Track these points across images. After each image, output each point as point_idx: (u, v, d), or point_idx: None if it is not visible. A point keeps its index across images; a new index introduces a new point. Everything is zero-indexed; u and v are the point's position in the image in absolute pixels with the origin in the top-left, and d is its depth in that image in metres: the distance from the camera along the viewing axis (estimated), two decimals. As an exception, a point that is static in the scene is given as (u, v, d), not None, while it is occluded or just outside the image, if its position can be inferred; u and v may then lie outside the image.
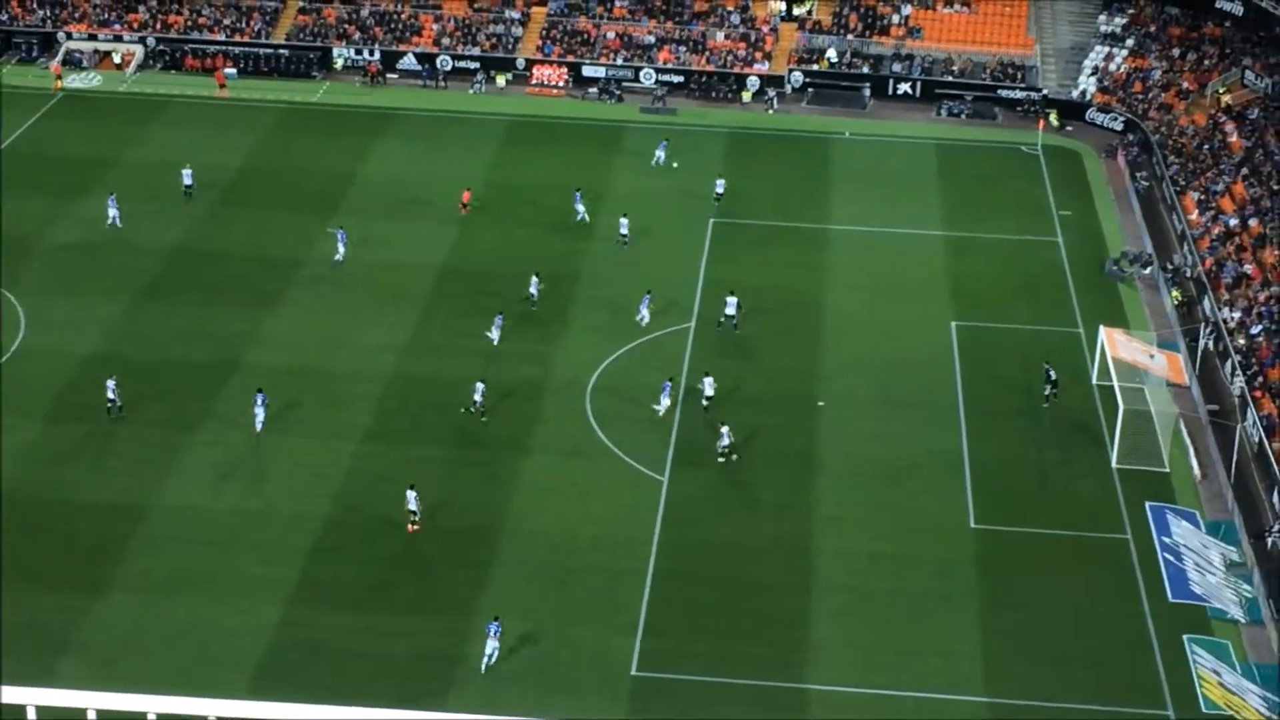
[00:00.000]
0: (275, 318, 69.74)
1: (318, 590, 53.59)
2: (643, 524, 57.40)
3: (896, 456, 61.90)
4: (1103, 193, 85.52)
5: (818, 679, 50.58)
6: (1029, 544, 57.37)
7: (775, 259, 76.68)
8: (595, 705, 49.14)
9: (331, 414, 63.15)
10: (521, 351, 67.75)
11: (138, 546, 55.40)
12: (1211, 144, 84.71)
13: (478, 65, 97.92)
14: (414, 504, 56.71)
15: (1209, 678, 51.10)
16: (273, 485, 58.89)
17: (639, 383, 65.64)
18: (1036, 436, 63.61)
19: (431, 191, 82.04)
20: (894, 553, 56.59)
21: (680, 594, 54.22)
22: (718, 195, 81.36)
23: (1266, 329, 67.40)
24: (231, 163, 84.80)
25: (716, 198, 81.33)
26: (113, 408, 62.11)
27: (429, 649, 51.19)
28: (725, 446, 60.93)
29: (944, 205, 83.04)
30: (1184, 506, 59.60)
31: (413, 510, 56.68)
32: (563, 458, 61.19)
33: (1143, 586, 55.21)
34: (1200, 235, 77.02)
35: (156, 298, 71.25)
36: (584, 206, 78.63)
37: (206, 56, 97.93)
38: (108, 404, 62.16)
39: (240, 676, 49.45)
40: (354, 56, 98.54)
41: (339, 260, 74.40)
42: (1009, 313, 72.39)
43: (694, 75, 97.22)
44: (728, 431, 61.11)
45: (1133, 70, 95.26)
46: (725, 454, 60.89)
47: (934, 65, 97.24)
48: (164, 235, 76.59)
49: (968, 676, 50.91)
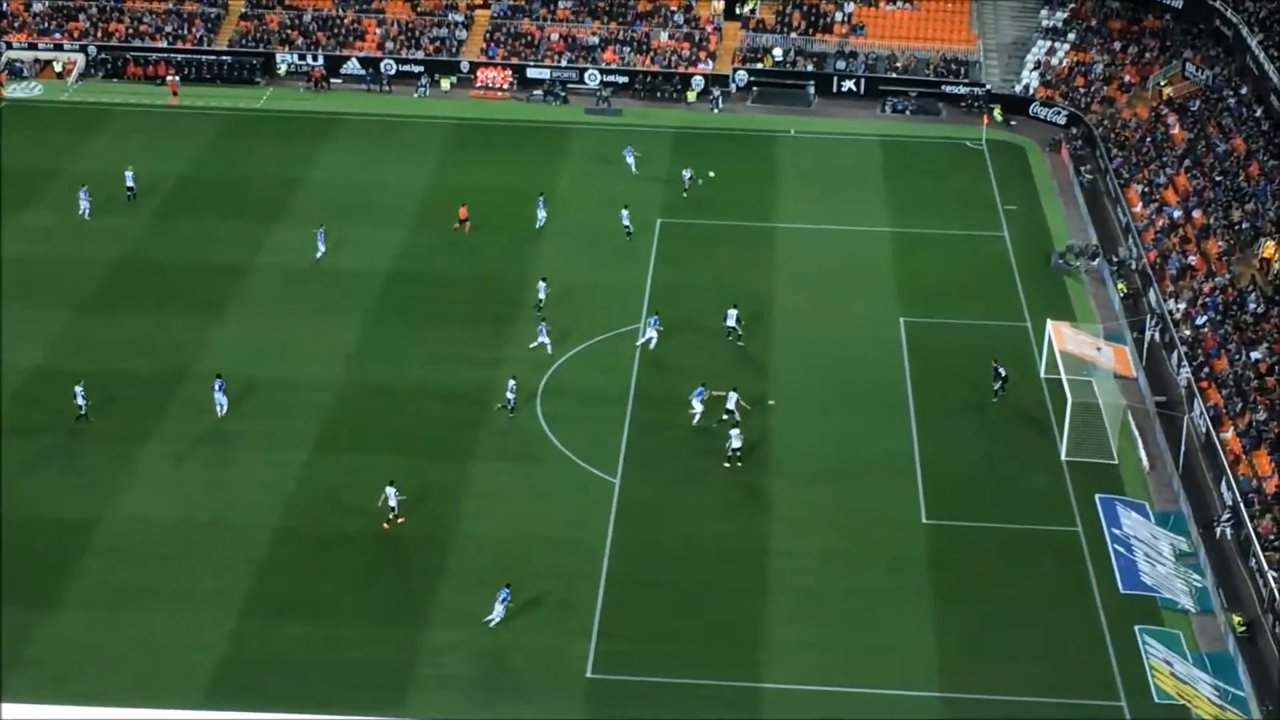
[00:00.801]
0: (222, 326, 69.36)
1: (271, 601, 53.36)
2: (595, 527, 57.37)
3: (847, 454, 62.08)
4: (1047, 187, 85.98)
5: (773, 678, 50.68)
6: (980, 538, 57.63)
7: (723, 258, 76.79)
8: (551, 708, 49.19)
9: (281, 423, 62.87)
10: (471, 356, 67.60)
11: (88, 561, 55.00)
12: (1154, 136, 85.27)
13: (422, 69, 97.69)
14: (393, 500, 56.69)
15: (1161, 668, 51.44)
16: (224, 496, 58.57)
17: (590, 385, 65.63)
18: (986, 431, 63.91)
19: (378, 197, 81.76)
20: (846, 550, 56.76)
21: (634, 596, 54.24)
22: (687, 182, 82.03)
23: (1211, 320, 67.90)
24: (175, 170, 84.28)
25: (685, 186, 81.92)
26: (81, 414, 61.83)
27: (384, 657, 51.03)
28: (735, 450, 61.04)
29: (890, 202, 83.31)
30: (1133, 498, 59.98)
31: (392, 507, 56.67)
32: (514, 462, 61.11)
33: (1094, 578, 55.54)
34: (1144, 227, 77.54)
35: (102, 309, 70.75)
36: (544, 212, 78.39)
37: (149, 64, 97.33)
38: (78, 411, 61.86)
39: (195, 689, 49.24)
40: (297, 62, 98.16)
41: (319, 259, 74.32)
42: (957, 308, 72.69)
43: (639, 75, 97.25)
44: (737, 434, 61.23)
45: (1075, 64, 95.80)
46: (733, 458, 61.02)
47: (878, 62, 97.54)
48: (109, 245, 76.06)
49: (922, 672, 51.10)
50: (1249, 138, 79.22)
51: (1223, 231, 73.45)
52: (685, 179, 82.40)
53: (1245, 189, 75.58)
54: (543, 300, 70.47)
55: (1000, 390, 65.20)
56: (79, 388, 62.15)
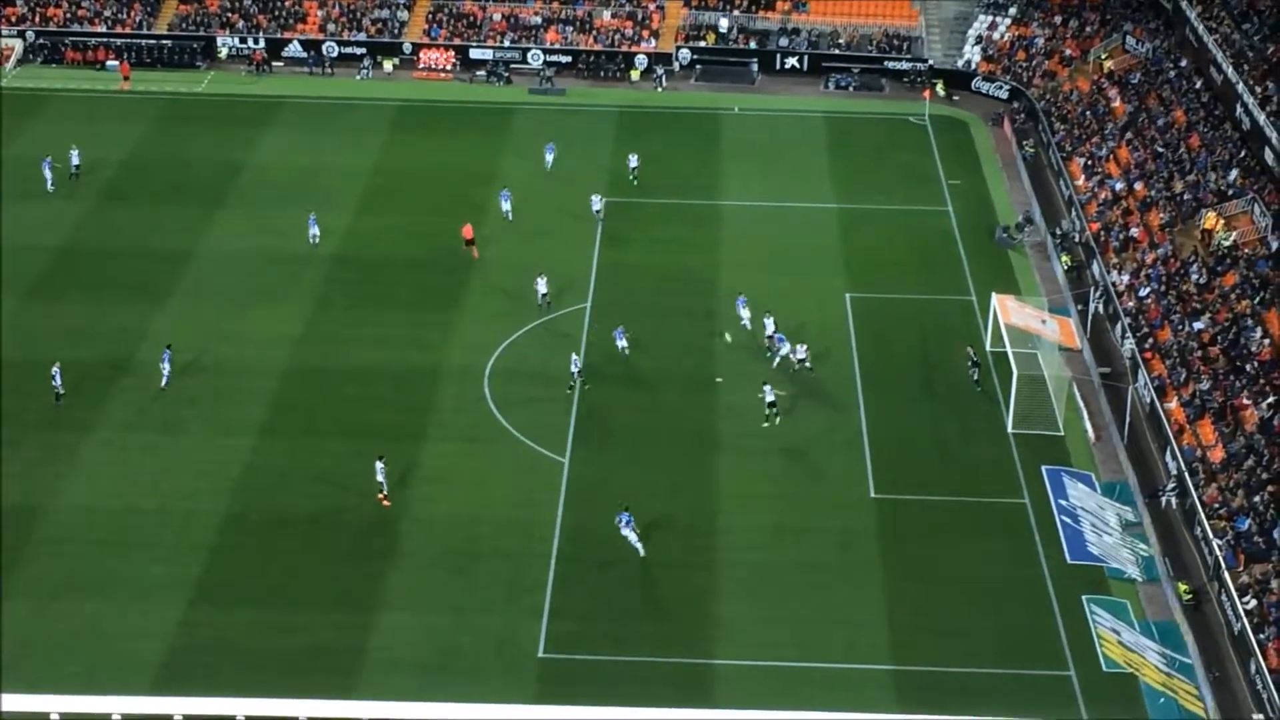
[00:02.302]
0: (164, 313, 68.80)
1: (218, 588, 53.09)
2: (545, 507, 57.31)
3: (795, 430, 62.16)
4: (990, 161, 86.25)
5: (724, 654, 50.80)
6: (929, 512, 57.84)
7: (669, 236, 76.75)
8: (504, 690, 49.12)
9: (226, 409, 62.50)
10: (418, 338, 67.36)
11: (32, 550, 54.59)
12: (1095, 109, 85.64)
13: (364, 51, 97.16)
14: (380, 475, 56.67)
15: (1109, 636, 51.77)
16: (169, 483, 58.16)
17: (537, 365, 65.50)
18: (933, 404, 64.09)
19: (321, 180, 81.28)
20: (795, 526, 56.87)
21: (585, 576, 54.24)
22: (634, 169, 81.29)
23: (1155, 291, 68.28)
24: (116, 156, 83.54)
25: (632, 173, 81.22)
26: (59, 395, 61.80)
27: (334, 642, 50.92)
28: (771, 404, 61.55)
29: (834, 178, 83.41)
30: (1079, 469, 60.30)
31: (380, 482, 56.69)
32: (462, 443, 60.95)
33: (1041, 549, 55.83)
34: (1087, 200, 77.88)
35: (43, 296, 70.09)
36: (509, 205, 77.47)
37: (88, 49, 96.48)
38: (56, 392, 61.79)
39: (143, 677, 48.98)
40: (238, 45, 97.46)
41: (314, 242, 73.83)
42: (902, 283, 72.86)
43: (582, 55, 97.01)
44: (770, 389, 61.79)
45: (1016, 38, 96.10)
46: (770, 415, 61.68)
47: (821, 39, 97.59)
48: (47, 232, 75.35)
49: (873, 646, 51.31)
50: (1189, 110, 79.63)
51: (1165, 203, 73.86)
52: (632, 165, 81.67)
53: (1186, 161, 76.00)
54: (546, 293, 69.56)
55: (978, 379, 64.87)
56: (56, 369, 61.89)
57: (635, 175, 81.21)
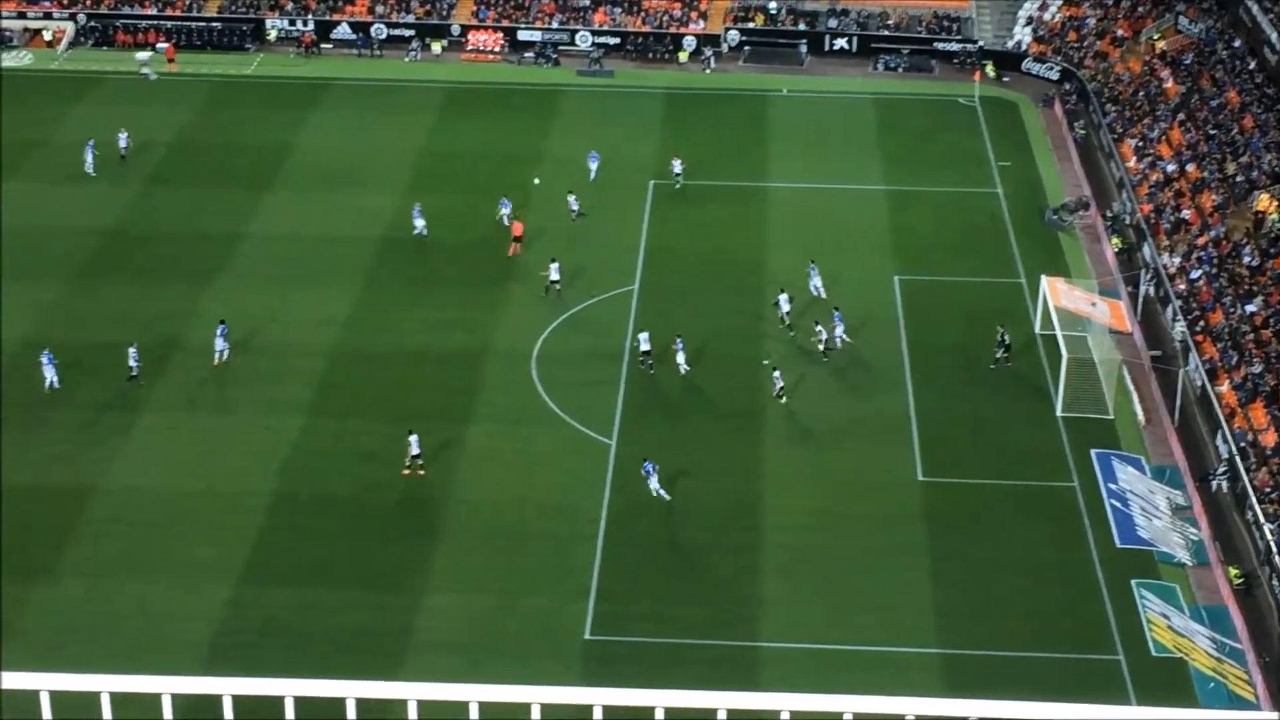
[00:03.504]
0: (213, 295, 69.05)
1: (266, 568, 53.33)
2: (591, 489, 57.31)
3: (842, 412, 61.97)
4: (1040, 142, 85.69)
5: (769, 637, 50.72)
6: (976, 495, 57.60)
7: (716, 219, 76.55)
8: (549, 671, 49.06)
9: (274, 390, 62.73)
10: (465, 320, 67.43)
11: (82, 531, 54.97)
12: (1147, 90, 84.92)
13: (412, 33, 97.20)
14: (415, 448, 56.83)
15: (1158, 621, 51.43)
16: (217, 464, 58.44)
17: (585, 347, 65.49)
18: (981, 388, 63.75)
19: (369, 162, 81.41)
20: (842, 509, 56.70)
21: (631, 558, 54.22)
22: (677, 175, 78.72)
23: (1206, 273, 67.71)
24: (165, 138, 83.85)
25: (676, 179, 78.68)
26: (132, 375, 61.98)
27: (381, 622, 51.07)
28: (780, 388, 61.52)
29: (883, 160, 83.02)
30: (1129, 452, 59.91)
31: (416, 455, 56.86)
32: (509, 425, 61.00)
33: (1090, 533, 55.51)
34: (1139, 182, 77.29)
35: (92, 278, 70.50)
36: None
37: (138, 31, 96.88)
38: (130, 373, 61.92)
39: (191, 657, 49.13)
40: (287, 27, 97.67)
41: (422, 234, 73.24)
42: (951, 265, 72.50)
43: (630, 36, 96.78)
44: (779, 375, 61.80)
45: (1067, 19, 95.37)
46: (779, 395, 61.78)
47: (870, 20, 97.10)
48: (98, 215, 75.76)
49: (918, 629, 51.11)
50: (1242, 91, 78.90)
51: (1217, 185, 73.20)
52: (676, 171, 78.98)
53: (1239, 142, 75.30)
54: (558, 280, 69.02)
55: (1003, 357, 64.40)
56: (132, 349, 62.18)
57: (679, 180, 78.71)
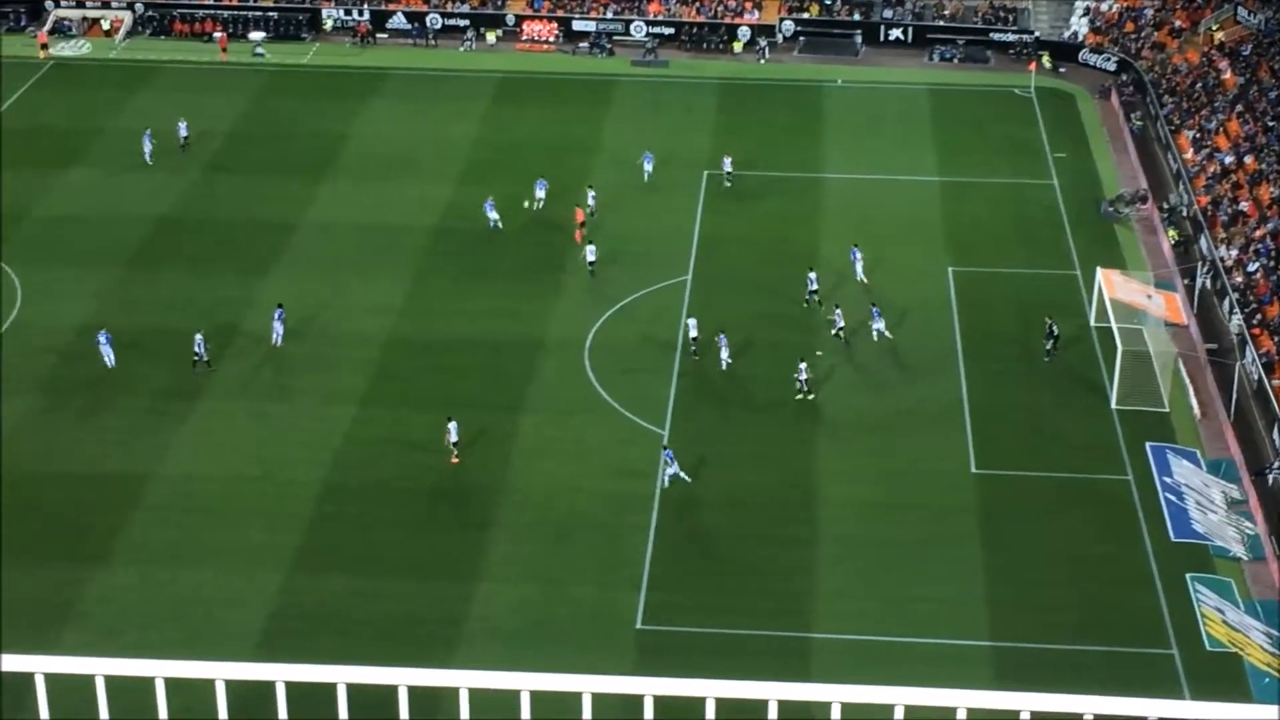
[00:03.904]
0: (268, 283, 69.36)
1: (319, 556, 53.56)
2: (643, 479, 57.29)
3: (896, 404, 61.79)
4: (1097, 134, 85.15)
5: (822, 628, 50.61)
6: (1030, 488, 57.33)
7: (770, 210, 76.41)
8: (601, 661, 49.08)
9: (328, 379, 63.00)
10: (518, 310, 67.55)
11: (137, 516, 55.33)
12: (1205, 81, 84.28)
13: (467, 22, 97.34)
14: (454, 435, 57.04)
15: (1213, 616, 51.09)
16: (271, 452, 58.76)
17: (638, 337, 65.51)
18: (1035, 380, 63.46)
19: (424, 151, 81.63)
20: (895, 500, 56.54)
21: (683, 547, 54.24)
22: (728, 174, 78.02)
23: (1264, 266, 67.17)
24: (221, 127, 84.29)
25: (728, 176, 77.97)
26: (198, 362, 62.41)
27: (433, 610, 51.22)
28: (803, 381, 61.16)
29: (938, 151, 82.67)
30: (1184, 446, 59.51)
31: (454, 442, 57.06)
32: (561, 415, 61.07)
33: (1144, 527, 55.17)
34: (1196, 173, 76.73)
35: (148, 265, 70.97)
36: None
37: (195, 21, 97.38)
38: (194, 357, 62.38)
39: (244, 644, 49.37)
40: (343, 17, 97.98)
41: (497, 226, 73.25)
42: (1005, 257, 72.17)
43: (685, 27, 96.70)
44: (805, 367, 61.38)
45: (1125, 10, 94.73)
46: (803, 390, 61.26)
47: (925, 10, 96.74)
48: (155, 202, 76.24)
49: (971, 621, 50.92)
50: (1302, 81, 78.25)
51: (1275, 177, 72.57)
52: (726, 169, 78.23)
53: (1298, 133, 74.69)
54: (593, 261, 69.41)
55: (1052, 348, 64.27)
56: (199, 336, 62.64)
57: (730, 178, 77.96)
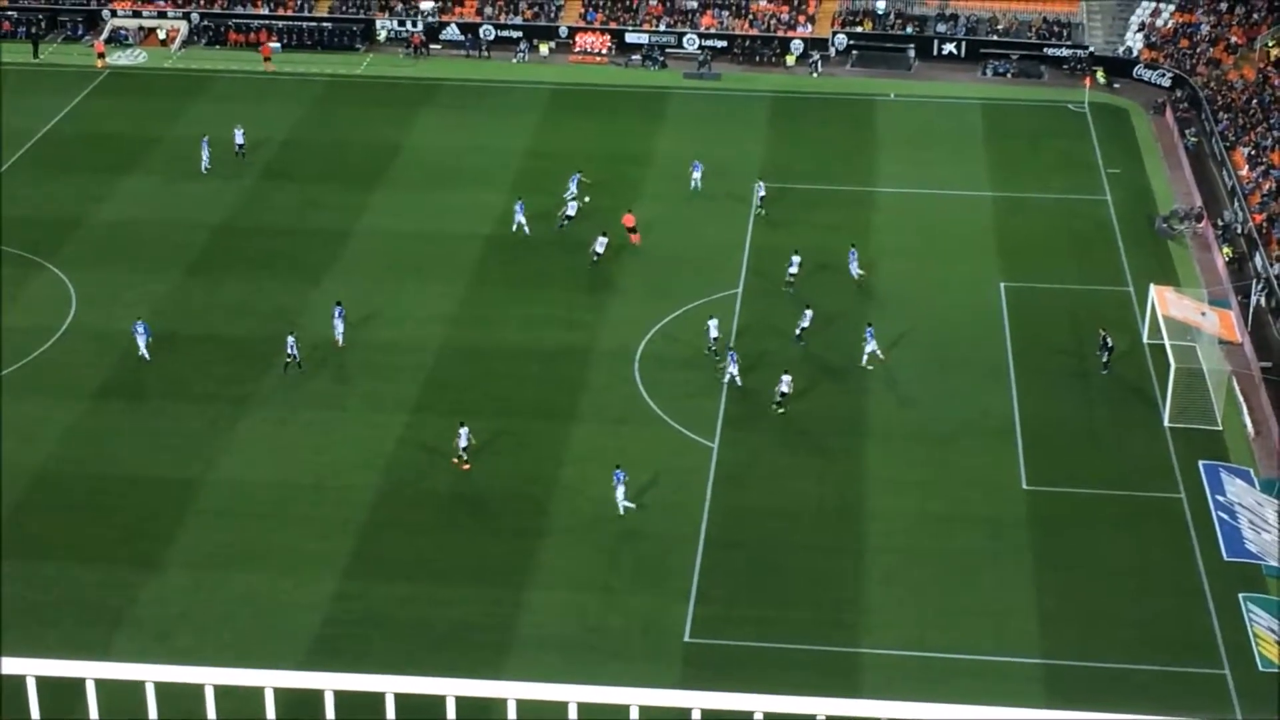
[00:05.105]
0: (323, 290, 69.79)
1: (371, 562, 53.80)
2: (693, 490, 57.35)
3: (947, 417, 61.66)
4: (1151, 150, 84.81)
5: (870, 643, 50.52)
6: (1081, 504, 57.10)
7: (821, 222, 76.37)
8: (649, 672, 49.07)
9: (381, 386, 63.30)
10: (570, 318, 67.74)
11: (190, 521, 55.70)
12: (1261, 98, 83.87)
13: (520, 34, 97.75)
14: (465, 440, 57.26)
15: (1265, 635, 50.78)
16: (324, 458, 59.06)
17: (688, 349, 65.55)
18: (1088, 396, 63.25)
19: (476, 161, 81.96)
20: (945, 514, 56.41)
21: (732, 560, 54.21)
22: (761, 199, 76.86)
23: (1319, 284, 66.81)
24: (276, 137, 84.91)
25: (760, 202, 76.73)
26: (291, 363, 63.05)
27: (483, 618, 51.35)
28: (782, 394, 60.93)
29: (991, 165, 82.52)
30: (1238, 464, 59.18)
31: (464, 448, 57.30)
32: (611, 425, 61.20)
33: (1197, 545, 54.86)
34: (1251, 190, 76.32)
35: (203, 273, 71.50)
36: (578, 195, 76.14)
37: (250, 31, 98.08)
38: (287, 359, 63.04)
39: (296, 649, 49.67)
40: (397, 28, 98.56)
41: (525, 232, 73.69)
42: (1058, 272, 71.95)
43: (737, 40, 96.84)
44: (788, 381, 61.13)
45: (1180, 25, 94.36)
46: (780, 403, 60.94)
47: (979, 25, 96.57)
48: (211, 210, 76.83)
49: (1021, 637, 50.74)
50: (1359, 99, 77.77)
51: (1332, 194, 72.21)
52: (759, 194, 77.17)
53: (1355, 151, 74.25)
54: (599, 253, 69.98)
55: (1107, 362, 64.12)
56: (291, 338, 63.26)
57: (763, 205, 76.87)
